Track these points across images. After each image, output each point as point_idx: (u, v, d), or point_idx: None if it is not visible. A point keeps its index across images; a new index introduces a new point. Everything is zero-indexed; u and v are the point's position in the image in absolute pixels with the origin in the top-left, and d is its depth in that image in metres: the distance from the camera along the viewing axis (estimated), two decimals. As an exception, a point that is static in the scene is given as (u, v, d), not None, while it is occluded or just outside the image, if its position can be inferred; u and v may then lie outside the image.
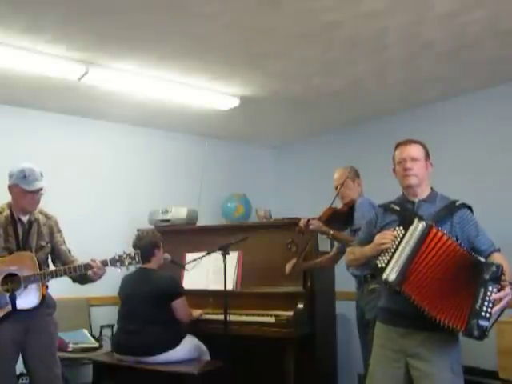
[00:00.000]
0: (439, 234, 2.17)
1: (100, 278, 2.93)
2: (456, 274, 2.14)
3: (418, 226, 2.21)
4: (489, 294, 2.06)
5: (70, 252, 3.05)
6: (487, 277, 2.08)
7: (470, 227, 2.29)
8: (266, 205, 5.20)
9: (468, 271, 2.13)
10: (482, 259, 2.15)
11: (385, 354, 2.31)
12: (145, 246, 3.60)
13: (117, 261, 2.92)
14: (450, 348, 2.21)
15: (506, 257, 2.25)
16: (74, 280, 3.00)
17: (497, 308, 2.05)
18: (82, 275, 2.91)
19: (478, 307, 2.06)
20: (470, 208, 2.35)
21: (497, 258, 2.23)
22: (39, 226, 2.95)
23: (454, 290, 2.12)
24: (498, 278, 2.08)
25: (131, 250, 3.03)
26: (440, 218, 2.28)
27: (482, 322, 2.04)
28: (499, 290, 2.07)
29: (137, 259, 2.96)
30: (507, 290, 2.08)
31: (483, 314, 2.04)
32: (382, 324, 2.38)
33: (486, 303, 2.05)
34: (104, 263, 2.89)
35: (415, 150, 2.40)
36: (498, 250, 2.28)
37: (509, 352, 3.29)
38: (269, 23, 3.06)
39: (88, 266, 2.85)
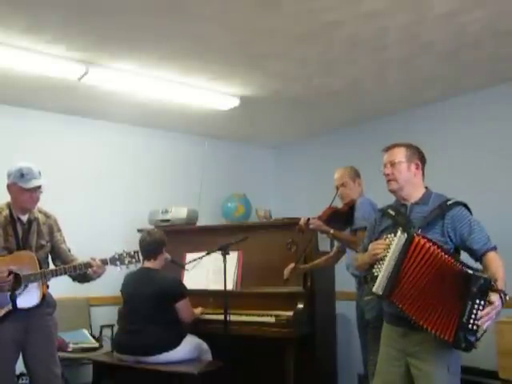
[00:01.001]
0: (422, 242, 2.15)
1: (99, 276, 2.93)
2: (443, 284, 2.12)
3: (401, 237, 2.20)
4: (476, 307, 2.03)
5: (69, 251, 3.05)
6: (475, 290, 2.04)
7: (462, 226, 2.24)
8: (266, 205, 5.19)
9: (455, 282, 2.10)
10: (470, 271, 2.09)
11: (388, 352, 2.36)
12: (154, 241, 3.62)
13: (117, 260, 2.93)
14: (447, 348, 2.21)
15: (502, 256, 2.21)
16: (74, 279, 3.00)
17: (484, 322, 2.02)
18: (83, 274, 2.91)
19: (465, 320, 2.04)
20: (465, 205, 2.31)
21: (491, 258, 2.20)
22: (39, 225, 2.95)
23: (441, 299, 2.12)
24: (485, 292, 2.04)
25: (131, 249, 3.03)
26: (430, 220, 2.27)
27: (470, 337, 2.03)
28: (487, 303, 2.03)
29: (137, 258, 2.97)
30: (496, 303, 2.03)
31: (470, 327, 2.03)
32: (386, 323, 2.43)
33: (472, 316, 2.03)
34: (104, 262, 2.90)
35: (394, 154, 2.41)
36: (494, 249, 2.23)
37: (509, 352, 3.29)
38: (269, 23, 3.06)
39: (88, 265, 2.86)
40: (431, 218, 2.27)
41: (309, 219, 3.37)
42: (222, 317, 3.47)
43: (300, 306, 3.68)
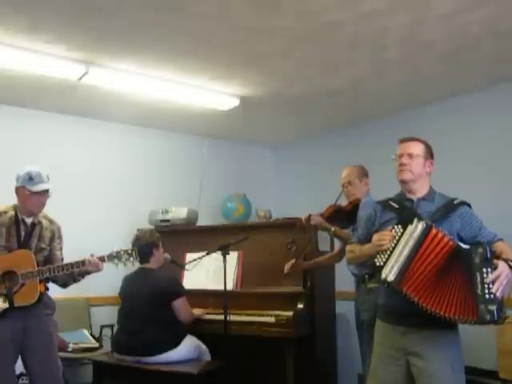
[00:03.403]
0: (439, 234, 2.18)
1: (96, 271, 2.93)
2: (451, 269, 2.14)
3: (417, 226, 2.21)
4: (485, 276, 2.06)
5: (62, 260, 3.06)
6: (477, 260, 2.09)
7: (472, 223, 2.30)
8: (265, 205, 5.20)
9: (460, 262, 2.13)
10: (466, 246, 2.16)
11: (385, 351, 2.32)
12: (142, 246, 3.60)
13: (114, 257, 2.95)
14: (449, 345, 2.21)
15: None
16: (60, 283, 3.02)
17: (496, 287, 2.04)
18: (71, 277, 2.95)
19: (480, 292, 2.06)
20: (469, 205, 2.35)
21: (499, 245, 2.24)
22: (42, 229, 2.98)
23: (454, 283, 2.13)
24: (488, 259, 2.08)
25: (128, 247, 3.04)
26: (438, 217, 2.29)
27: (490, 306, 2.03)
28: (494, 269, 2.07)
29: (134, 256, 2.98)
30: (501, 267, 2.07)
31: (487, 296, 2.04)
32: (381, 322, 2.39)
33: (486, 285, 2.05)
34: (101, 259, 2.92)
35: (414, 147, 2.42)
36: (501, 240, 2.29)
37: (509, 352, 3.29)
38: (269, 23, 3.06)
39: (83, 263, 2.87)
40: (438, 216, 2.29)
41: (310, 215, 3.36)
42: (221, 317, 3.47)
43: (300, 306, 3.68)
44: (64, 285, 3.04)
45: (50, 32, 3.12)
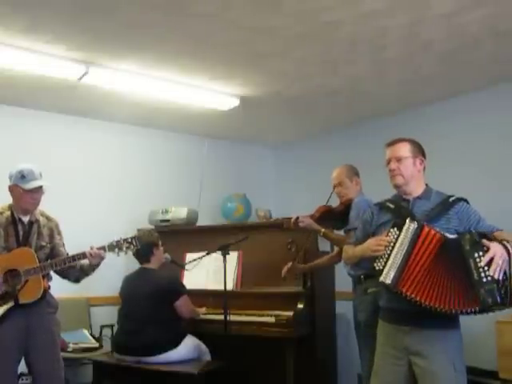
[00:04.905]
0: (432, 232, 2.17)
1: (98, 265, 2.98)
2: (445, 262, 2.14)
3: (410, 227, 2.21)
4: (478, 260, 2.05)
5: (67, 255, 3.06)
6: (467, 247, 2.08)
7: (470, 217, 2.29)
8: (265, 205, 5.20)
9: (451, 252, 2.13)
10: (452, 236, 2.15)
11: (387, 351, 2.32)
12: (142, 247, 3.60)
13: (115, 246, 2.96)
14: (452, 345, 2.21)
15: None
16: (73, 280, 3.03)
17: (493, 268, 2.02)
18: (82, 272, 2.97)
19: (476, 277, 2.04)
20: (466, 201, 2.34)
21: (498, 234, 2.22)
22: (39, 226, 2.98)
23: (451, 276, 2.12)
24: (477, 242, 2.07)
25: (128, 236, 3.05)
26: (434, 215, 2.29)
27: (489, 287, 2.01)
28: (486, 252, 2.05)
29: (134, 243, 2.99)
30: (493, 248, 2.05)
31: (484, 280, 2.03)
32: (384, 322, 2.39)
33: (481, 269, 2.04)
34: (102, 249, 2.94)
35: (399, 150, 2.41)
36: (501, 230, 2.27)
37: (509, 352, 3.29)
38: (269, 23, 3.06)
39: (85, 255, 2.89)
40: (434, 215, 2.29)
41: (298, 218, 3.35)
42: (221, 317, 3.48)
43: (300, 306, 3.68)
44: (76, 280, 3.06)
45: (49, 32, 3.12)
